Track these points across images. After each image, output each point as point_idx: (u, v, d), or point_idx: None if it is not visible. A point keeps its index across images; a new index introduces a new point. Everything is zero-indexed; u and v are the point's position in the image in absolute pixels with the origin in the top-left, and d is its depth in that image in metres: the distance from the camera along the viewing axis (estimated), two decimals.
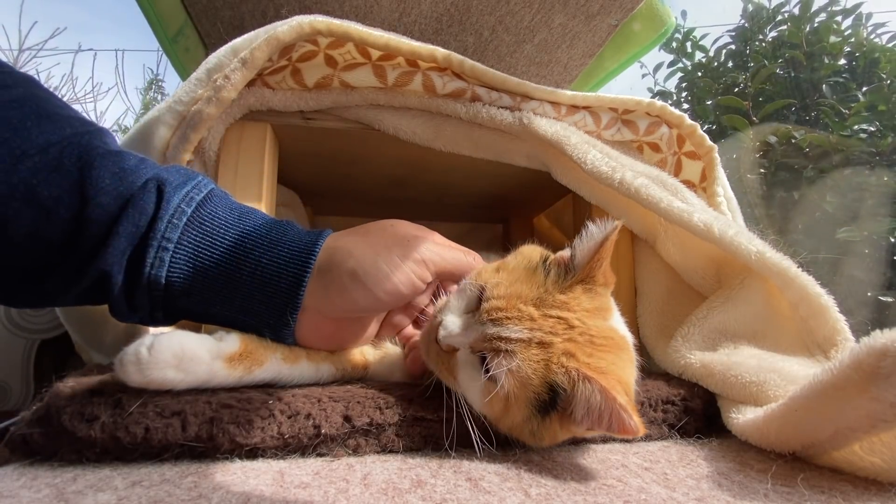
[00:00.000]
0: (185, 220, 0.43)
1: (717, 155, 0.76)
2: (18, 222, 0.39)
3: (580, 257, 0.46)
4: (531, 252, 0.52)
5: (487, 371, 0.43)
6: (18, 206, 0.39)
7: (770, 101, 1.91)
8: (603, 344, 0.44)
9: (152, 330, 0.54)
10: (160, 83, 3.90)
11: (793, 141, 1.66)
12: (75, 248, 0.41)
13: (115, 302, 0.43)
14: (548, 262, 0.48)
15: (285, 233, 0.46)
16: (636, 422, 0.38)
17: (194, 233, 0.43)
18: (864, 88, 1.75)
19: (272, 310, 0.45)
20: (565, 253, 0.49)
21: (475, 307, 0.47)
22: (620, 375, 0.44)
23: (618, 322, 0.49)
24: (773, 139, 1.70)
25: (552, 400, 0.42)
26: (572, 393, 0.41)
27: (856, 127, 1.65)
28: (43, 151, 0.40)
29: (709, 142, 0.75)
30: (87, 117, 0.47)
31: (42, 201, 0.39)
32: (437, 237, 0.52)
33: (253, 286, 0.44)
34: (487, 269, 0.50)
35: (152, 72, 3.90)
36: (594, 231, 0.45)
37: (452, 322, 0.46)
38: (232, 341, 0.45)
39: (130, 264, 0.42)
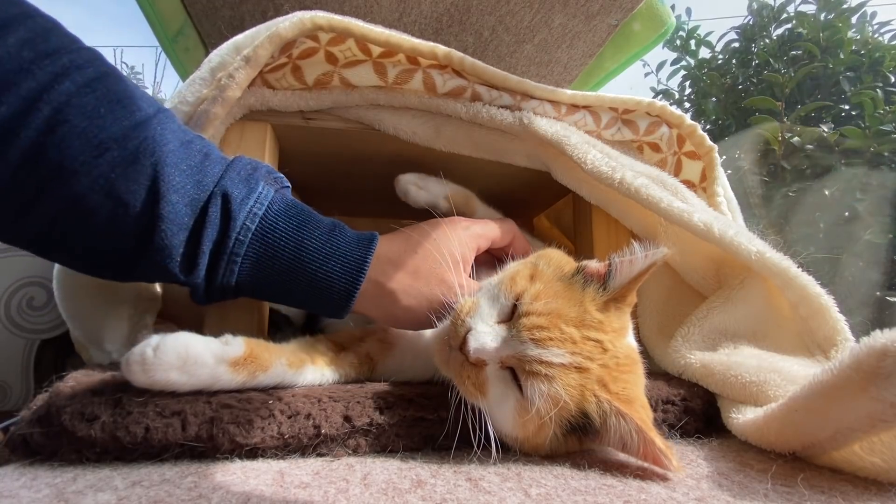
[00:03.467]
0: (250, 236, 0.47)
1: (716, 155, 0.76)
2: (100, 214, 0.41)
3: (620, 277, 0.45)
4: (560, 259, 0.51)
5: (521, 390, 0.41)
6: (99, 199, 0.40)
7: (770, 96, 1.90)
8: (625, 364, 0.44)
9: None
10: (137, 76, 3.85)
11: (797, 144, 1.64)
12: (149, 242, 0.43)
13: (197, 296, 0.48)
14: (581, 274, 0.47)
15: (338, 246, 0.50)
16: (675, 464, 0.39)
17: (258, 245, 0.48)
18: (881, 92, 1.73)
19: (327, 310, 0.51)
20: (596, 265, 0.48)
21: (508, 317, 0.44)
22: (640, 397, 0.44)
23: (631, 337, 0.49)
24: (795, 139, 1.66)
25: (583, 425, 0.42)
26: (604, 424, 0.41)
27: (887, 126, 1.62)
28: (120, 145, 0.41)
29: (709, 142, 0.75)
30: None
31: (120, 195, 0.41)
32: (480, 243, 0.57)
33: (309, 293, 0.49)
34: (521, 276, 0.47)
35: (126, 65, 3.86)
36: (638, 252, 0.44)
37: (485, 333, 0.43)
38: (237, 345, 0.45)
39: (209, 274, 0.47)
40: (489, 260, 0.58)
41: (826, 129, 1.70)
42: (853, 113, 1.77)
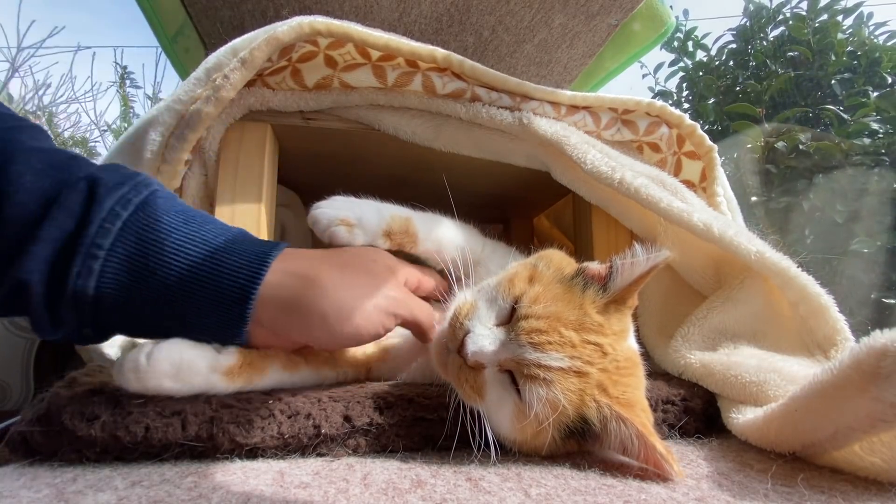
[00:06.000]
0: (119, 224, 0.38)
1: (716, 155, 0.76)
2: None
3: (621, 279, 0.45)
4: (561, 261, 0.50)
5: (519, 394, 0.41)
6: None
7: (773, 99, 1.90)
8: (626, 367, 0.44)
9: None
10: (131, 76, 3.83)
11: (800, 146, 1.65)
12: None
13: (36, 316, 0.38)
14: (581, 276, 0.46)
15: (235, 241, 0.41)
16: (676, 470, 0.39)
17: (131, 239, 0.38)
18: (876, 93, 1.74)
19: (219, 324, 0.41)
20: (597, 267, 0.48)
21: (506, 319, 0.44)
22: (641, 401, 0.44)
23: (632, 339, 0.48)
24: (780, 143, 1.68)
25: (582, 430, 0.42)
26: (604, 428, 0.41)
27: (861, 128, 1.64)
28: None
29: (708, 142, 0.75)
30: (17, 114, 0.41)
31: None
32: (409, 275, 0.51)
33: (194, 300, 0.39)
34: (519, 277, 0.46)
35: (119, 66, 3.84)
36: (640, 254, 0.44)
37: (484, 336, 0.42)
38: (231, 353, 0.43)
39: (54, 274, 0.37)
40: None
41: (826, 132, 1.70)
42: (844, 116, 1.78)
